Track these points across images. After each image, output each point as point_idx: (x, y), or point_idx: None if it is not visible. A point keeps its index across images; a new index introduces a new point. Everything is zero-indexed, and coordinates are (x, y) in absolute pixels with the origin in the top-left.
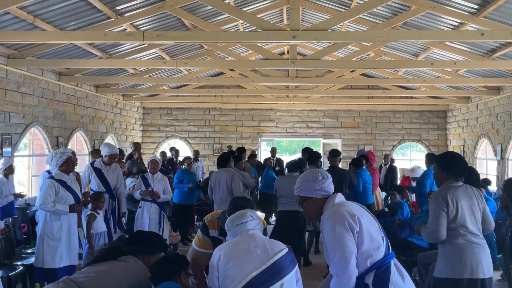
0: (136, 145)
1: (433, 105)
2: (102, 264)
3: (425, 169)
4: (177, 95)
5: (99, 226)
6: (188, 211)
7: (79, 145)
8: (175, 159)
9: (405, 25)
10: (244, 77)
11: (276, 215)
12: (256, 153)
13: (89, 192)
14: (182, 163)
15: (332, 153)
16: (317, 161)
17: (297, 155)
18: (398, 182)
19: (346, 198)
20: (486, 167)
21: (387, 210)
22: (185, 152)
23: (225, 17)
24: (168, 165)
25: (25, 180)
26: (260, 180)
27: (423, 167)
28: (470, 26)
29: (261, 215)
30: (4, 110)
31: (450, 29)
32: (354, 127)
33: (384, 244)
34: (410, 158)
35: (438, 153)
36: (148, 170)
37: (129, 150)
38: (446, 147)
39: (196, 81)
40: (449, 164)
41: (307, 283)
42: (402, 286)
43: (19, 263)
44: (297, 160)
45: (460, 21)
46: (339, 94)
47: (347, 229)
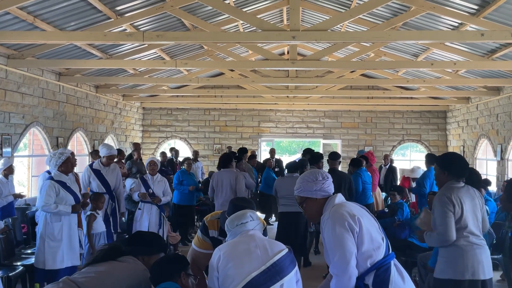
0: (136, 146)
1: (433, 106)
2: (102, 264)
3: (425, 169)
4: (177, 96)
5: (99, 226)
6: (188, 211)
7: (79, 145)
8: (175, 159)
9: (405, 25)
10: (244, 78)
11: (277, 217)
12: (256, 154)
13: (88, 193)
14: (182, 163)
15: (332, 156)
16: (319, 162)
17: (297, 156)
18: (398, 182)
19: None
20: (486, 168)
21: (387, 211)
22: (185, 153)
23: (225, 17)
24: (168, 165)
25: (25, 181)
26: (260, 180)
27: (423, 167)
28: (470, 27)
29: (261, 216)
30: (4, 111)
31: (450, 29)
32: (354, 127)
33: (384, 244)
34: (410, 159)
35: (438, 154)
36: (147, 171)
37: (129, 151)
38: (446, 148)
39: (196, 81)
40: (450, 165)
41: (307, 284)
42: (402, 286)
43: (19, 263)
44: (297, 160)
45: (460, 21)
46: (339, 95)
47: (347, 230)
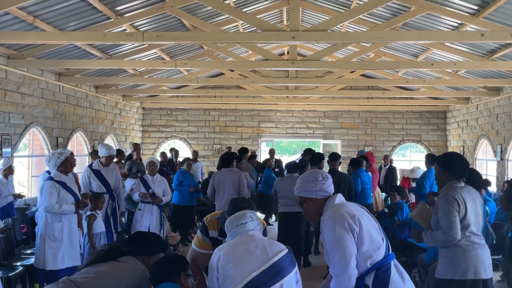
0: (136, 146)
1: (433, 106)
2: (102, 264)
3: (425, 170)
4: (177, 96)
5: (99, 226)
6: (188, 212)
7: (79, 145)
8: (174, 160)
9: (405, 25)
10: (244, 78)
11: (277, 217)
12: (256, 154)
13: (88, 193)
14: (181, 164)
15: (332, 157)
16: (320, 162)
17: (297, 156)
18: (398, 183)
19: None
20: (486, 168)
21: (387, 211)
22: (185, 153)
23: (225, 17)
24: (168, 166)
25: (24, 181)
26: (260, 180)
27: (423, 168)
28: (470, 27)
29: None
30: (4, 111)
31: (450, 30)
32: (354, 127)
33: (384, 245)
34: (410, 159)
35: (438, 154)
36: (146, 171)
37: (129, 151)
38: (446, 148)
39: (196, 81)
40: (450, 164)
41: (307, 284)
42: (402, 287)
43: (18, 263)
44: (297, 160)
45: (460, 22)
46: (339, 95)
47: (347, 230)
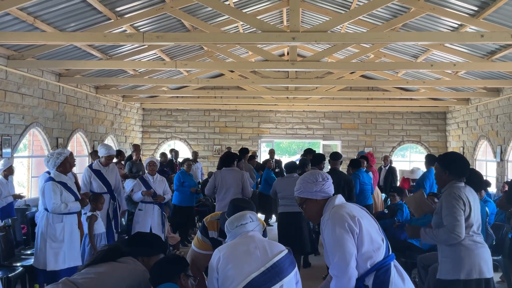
0: (136, 147)
1: (432, 107)
2: (102, 265)
3: (425, 170)
4: (177, 96)
5: (99, 227)
6: (188, 212)
7: (79, 146)
8: (174, 160)
9: (405, 26)
10: (244, 79)
11: (277, 217)
12: (257, 155)
13: (88, 193)
14: (181, 164)
15: (333, 156)
16: (321, 163)
17: (297, 157)
18: (398, 183)
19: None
20: (485, 169)
21: (387, 212)
22: (185, 154)
23: (225, 18)
24: (168, 166)
25: (24, 181)
26: (259, 181)
27: (422, 168)
28: (470, 28)
29: (260, 217)
30: (4, 111)
31: (449, 30)
32: (354, 128)
33: (384, 245)
34: (410, 160)
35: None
36: (146, 172)
37: (129, 152)
38: (445, 149)
39: (196, 82)
40: (451, 164)
41: (307, 284)
42: (402, 287)
43: (18, 264)
44: (297, 160)
45: (459, 22)
46: (338, 96)
47: (347, 231)
